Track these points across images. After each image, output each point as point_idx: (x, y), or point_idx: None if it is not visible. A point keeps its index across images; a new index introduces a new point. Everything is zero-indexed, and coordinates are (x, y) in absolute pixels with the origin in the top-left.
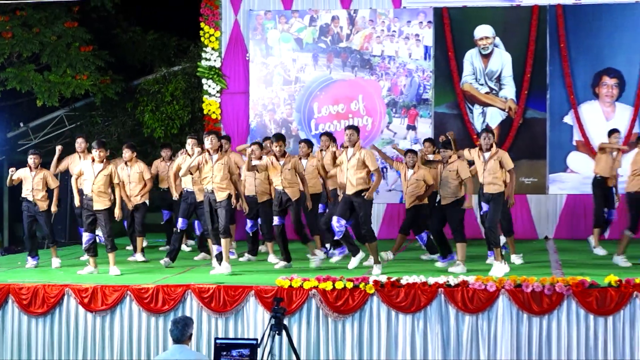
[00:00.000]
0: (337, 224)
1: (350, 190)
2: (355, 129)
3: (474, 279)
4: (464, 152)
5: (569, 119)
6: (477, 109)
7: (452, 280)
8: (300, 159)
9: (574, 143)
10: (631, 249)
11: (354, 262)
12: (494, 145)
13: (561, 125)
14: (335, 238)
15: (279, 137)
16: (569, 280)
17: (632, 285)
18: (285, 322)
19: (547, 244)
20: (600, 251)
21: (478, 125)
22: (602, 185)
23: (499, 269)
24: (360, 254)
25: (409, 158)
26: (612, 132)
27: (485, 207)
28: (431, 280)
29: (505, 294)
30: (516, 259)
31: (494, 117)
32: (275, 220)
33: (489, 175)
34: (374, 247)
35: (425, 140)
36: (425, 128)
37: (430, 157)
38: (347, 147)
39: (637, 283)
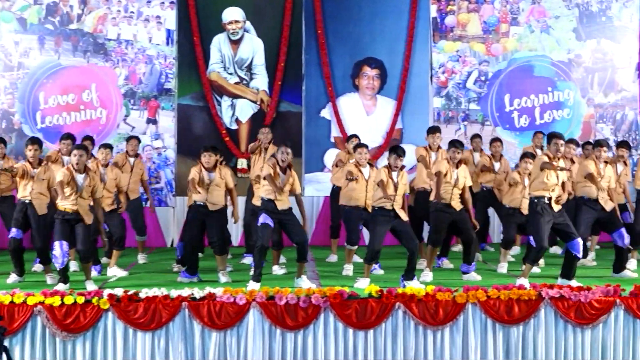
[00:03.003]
0: (60, 250)
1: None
2: (85, 148)
3: (221, 292)
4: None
5: (326, 112)
6: (225, 101)
7: (198, 293)
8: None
9: (332, 139)
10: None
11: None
12: (291, 168)
13: (318, 120)
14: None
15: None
16: (326, 291)
17: (394, 295)
18: (6, 343)
19: None
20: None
21: (226, 119)
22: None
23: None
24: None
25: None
26: (350, 137)
27: (269, 220)
28: (174, 293)
29: (256, 307)
30: (278, 270)
31: (245, 110)
32: (13, 232)
33: (284, 195)
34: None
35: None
36: (168, 122)
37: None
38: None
39: (399, 293)
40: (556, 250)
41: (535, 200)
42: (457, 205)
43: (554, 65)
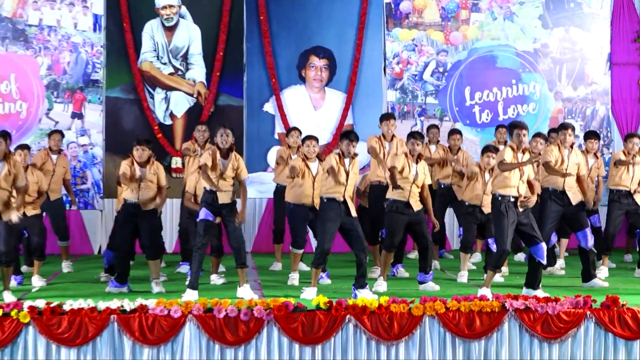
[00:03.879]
0: None
1: None
2: (4, 136)
3: (154, 303)
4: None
5: (270, 107)
6: (159, 94)
7: (128, 305)
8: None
9: (276, 136)
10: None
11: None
12: (233, 148)
13: (261, 115)
14: None
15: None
16: (269, 302)
17: (345, 307)
18: None
19: None
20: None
21: (160, 113)
22: None
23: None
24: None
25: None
26: (291, 130)
27: (210, 217)
28: (101, 305)
29: (192, 320)
30: (217, 279)
31: (180, 104)
32: None
33: (226, 184)
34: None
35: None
36: (95, 116)
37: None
38: None
39: (350, 305)
40: (521, 257)
41: (500, 198)
42: (416, 204)
43: (519, 56)
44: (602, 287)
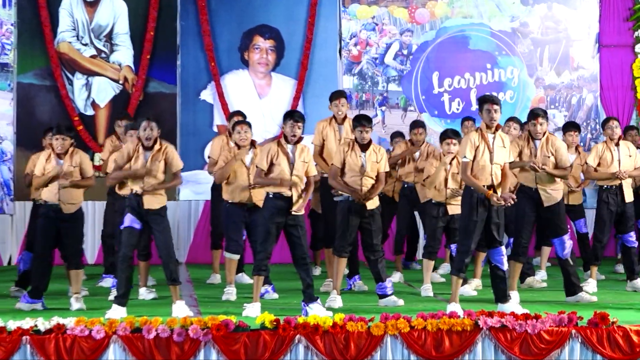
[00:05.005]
0: None
1: None
2: None
3: (73, 322)
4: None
5: (207, 94)
6: (79, 80)
7: (43, 325)
8: None
9: (215, 128)
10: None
11: None
12: (157, 140)
13: (197, 104)
14: None
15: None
16: (207, 321)
17: (294, 326)
18: None
19: None
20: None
21: (80, 102)
22: None
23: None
24: None
25: None
26: (233, 115)
27: (135, 224)
28: (12, 324)
29: (118, 342)
30: (146, 294)
31: (104, 91)
32: None
33: (151, 181)
34: None
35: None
36: (4, 105)
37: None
38: None
39: (299, 323)
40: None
41: (471, 189)
42: (370, 203)
43: (494, 37)
44: (590, 301)
